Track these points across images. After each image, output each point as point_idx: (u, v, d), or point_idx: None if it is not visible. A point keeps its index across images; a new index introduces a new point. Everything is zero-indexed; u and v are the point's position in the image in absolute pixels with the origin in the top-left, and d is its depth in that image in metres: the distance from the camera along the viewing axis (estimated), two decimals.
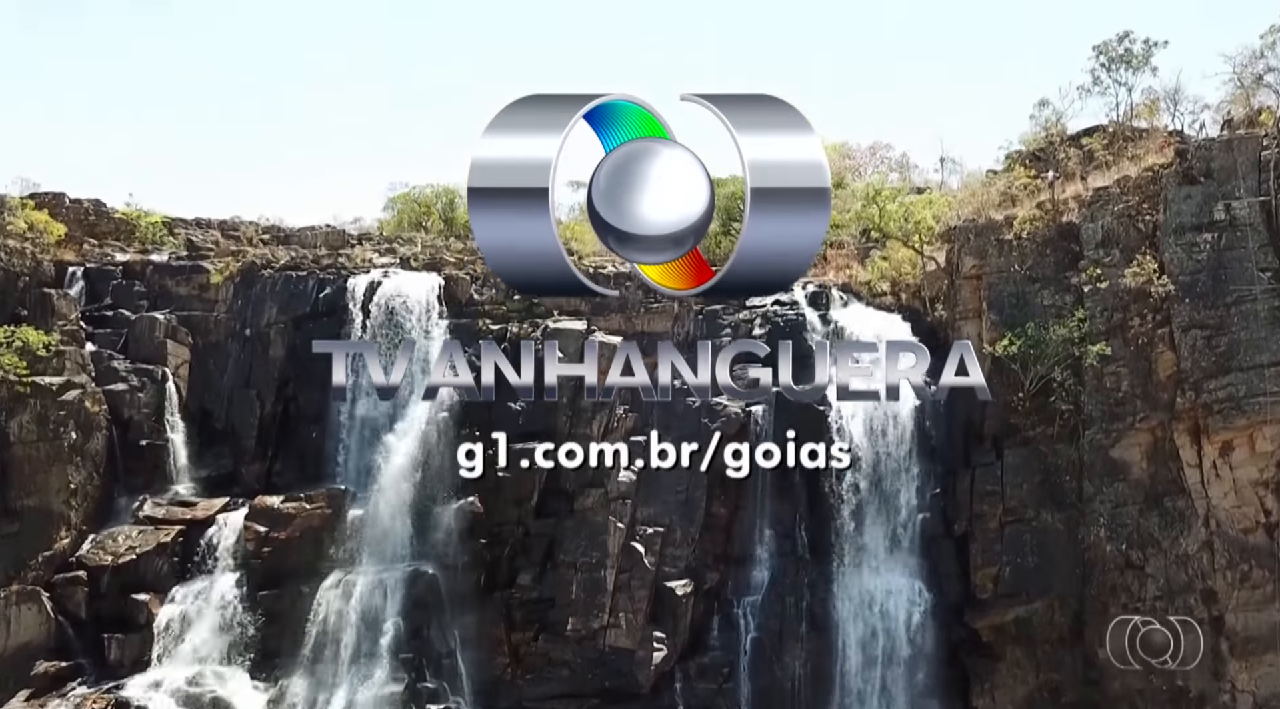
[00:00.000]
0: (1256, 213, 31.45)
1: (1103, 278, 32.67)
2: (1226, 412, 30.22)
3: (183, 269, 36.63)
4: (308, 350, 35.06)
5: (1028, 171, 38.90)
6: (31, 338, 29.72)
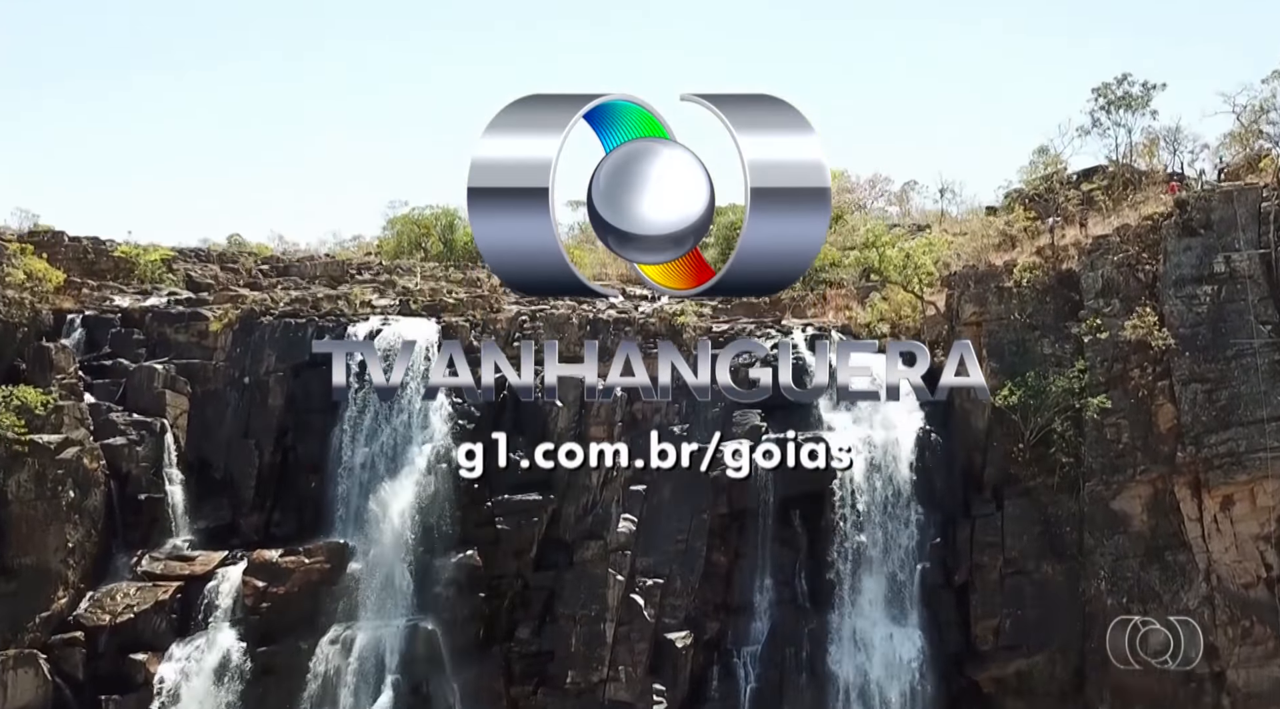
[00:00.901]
0: (1256, 265, 31.45)
1: (1103, 328, 32.64)
2: (1227, 466, 30.20)
3: (182, 316, 36.50)
4: (306, 399, 35.38)
5: (1027, 213, 38.95)
6: (30, 397, 29.64)
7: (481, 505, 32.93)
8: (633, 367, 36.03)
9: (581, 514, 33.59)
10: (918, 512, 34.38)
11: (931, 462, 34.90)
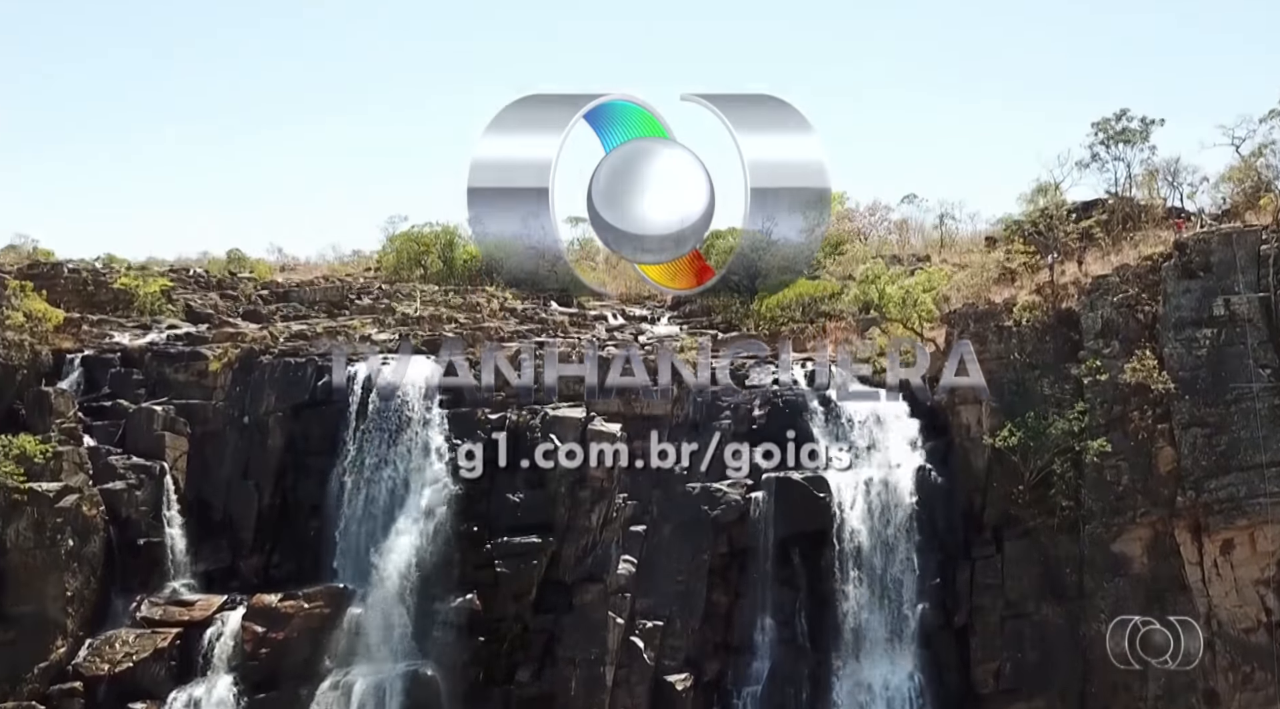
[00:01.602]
0: (1256, 309, 31.43)
1: (1102, 370, 32.62)
2: (1227, 511, 30.19)
3: (181, 355, 36.49)
4: (306, 440, 35.39)
5: (1026, 247, 38.93)
6: (29, 447, 29.63)
7: (481, 547, 32.87)
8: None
9: (581, 555, 33.53)
10: (917, 551, 34.32)
11: (931, 501, 34.85)
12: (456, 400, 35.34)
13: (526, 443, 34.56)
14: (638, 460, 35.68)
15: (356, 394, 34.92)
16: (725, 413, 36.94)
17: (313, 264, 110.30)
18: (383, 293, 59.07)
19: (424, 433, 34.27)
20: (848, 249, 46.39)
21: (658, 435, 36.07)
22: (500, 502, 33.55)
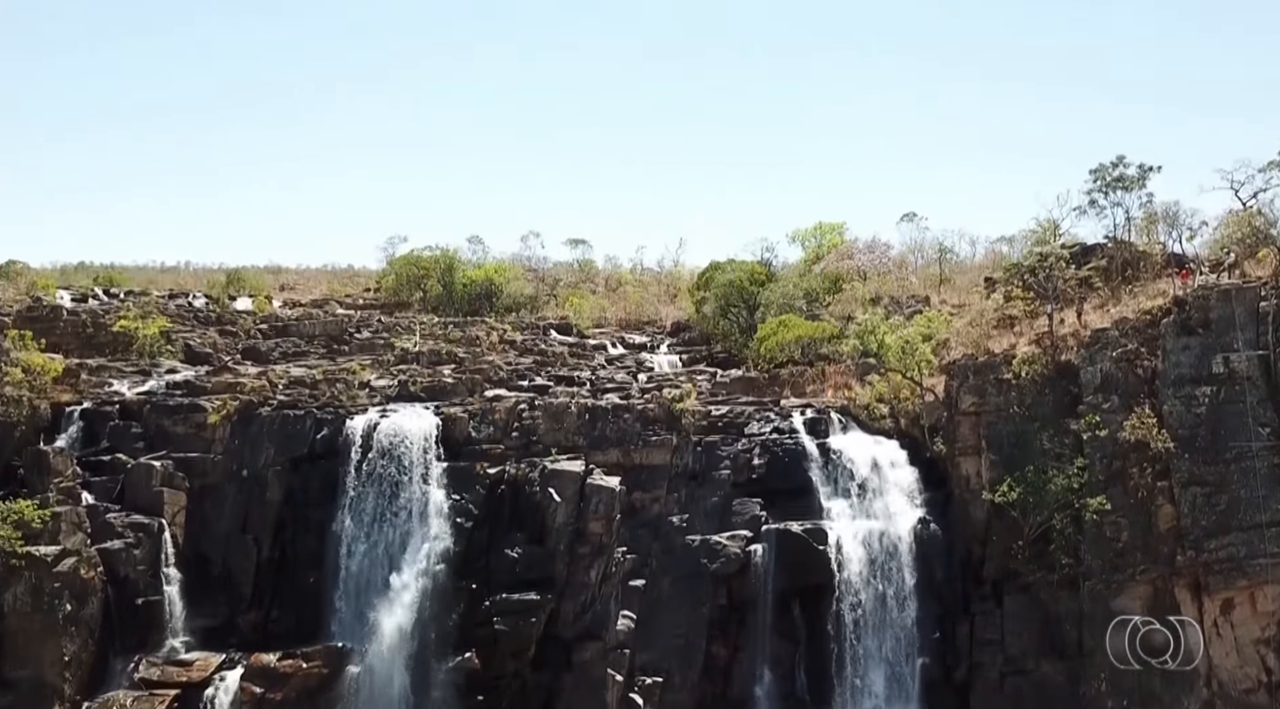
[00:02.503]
0: (1255, 367, 31.33)
1: (1102, 425, 32.55)
2: (1227, 571, 30.08)
3: (180, 408, 36.39)
4: (305, 493, 35.27)
5: (1025, 294, 38.87)
6: (27, 512, 29.57)
7: (480, 605, 32.77)
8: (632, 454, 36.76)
9: (580, 611, 33.46)
10: (917, 604, 34.35)
11: (931, 553, 34.89)
12: (455, 454, 35.29)
13: (525, 496, 34.57)
14: (637, 511, 35.86)
15: (355, 447, 34.84)
16: (725, 462, 37.01)
17: (311, 274, 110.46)
18: (381, 325, 59.06)
19: (423, 488, 34.21)
20: (847, 288, 46.19)
21: (657, 486, 36.26)
22: (499, 557, 33.48)
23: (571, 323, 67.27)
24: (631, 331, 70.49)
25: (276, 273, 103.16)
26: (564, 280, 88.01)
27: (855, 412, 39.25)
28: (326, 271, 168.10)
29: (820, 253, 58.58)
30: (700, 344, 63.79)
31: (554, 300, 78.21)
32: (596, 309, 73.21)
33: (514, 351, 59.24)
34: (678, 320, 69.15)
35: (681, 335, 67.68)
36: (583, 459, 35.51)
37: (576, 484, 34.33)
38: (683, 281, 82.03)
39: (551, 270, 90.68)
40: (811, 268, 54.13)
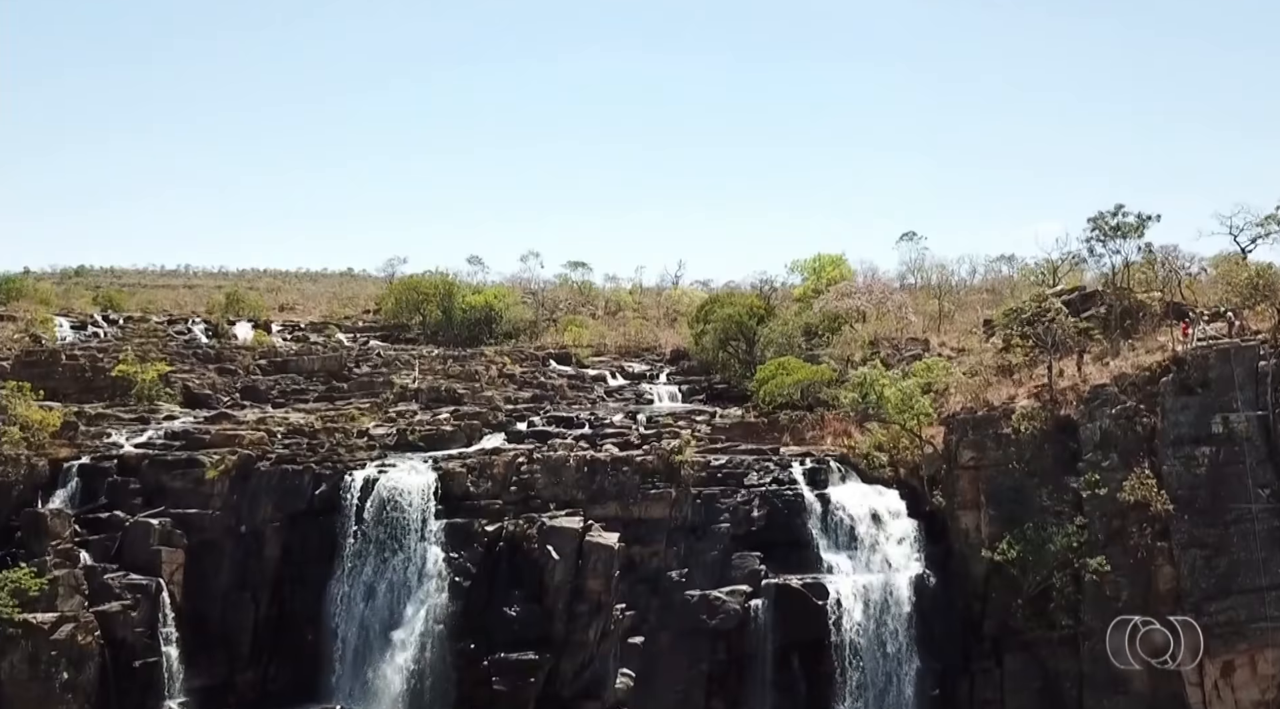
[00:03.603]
0: (1254, 427, 31.24)
1: (1101, 484, 32.44)
2: (1227, 635, 29.99)
3: (178, 462, 36.39)
4: (303, 550, 35.26)
5: (1024, 342, 38.81)
6: (24, 581, 29.54)
7: (478, 664, 32.77)
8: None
9: (579, 670, 33.43)
10: (917, 661, 34.21)
11: (930, 609, 34.71)
12: (453, 509, 35.29)
13: (524, 553, 34.53)
14: (636, 566, 35.78)
15: (354, 504, 34.88)
16: (724, 515, 36.88)
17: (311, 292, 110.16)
18: (381, 359, 59.04)
19: (421, 545, 34.27)
20: (846, 330, 46.12)
21: (656, 540, 36.19)
22: (497, 616, 33.45)
23: (571, 352, 67.31)
24: (631, 359, 70.47)
25: (275, 291, 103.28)
26: (563, 302, 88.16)
27: (855, 460, 39.15)
28: (327, 277, 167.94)
29: (819, 285, 58.54)
30: (699, 374, 63.77)
31: (553, 326, 78.33)
32: (596, 336, 73.26)
33: (513, 385, 59.23)
34: (677, 348, 69.12)
35: (681, 364, 67.68)
36: (581, 514, 35.48)
37: (575, 541, 34.31)
38: (682, 304, 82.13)
39: (551, 293, 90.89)
40: (811, 304, 54.05)
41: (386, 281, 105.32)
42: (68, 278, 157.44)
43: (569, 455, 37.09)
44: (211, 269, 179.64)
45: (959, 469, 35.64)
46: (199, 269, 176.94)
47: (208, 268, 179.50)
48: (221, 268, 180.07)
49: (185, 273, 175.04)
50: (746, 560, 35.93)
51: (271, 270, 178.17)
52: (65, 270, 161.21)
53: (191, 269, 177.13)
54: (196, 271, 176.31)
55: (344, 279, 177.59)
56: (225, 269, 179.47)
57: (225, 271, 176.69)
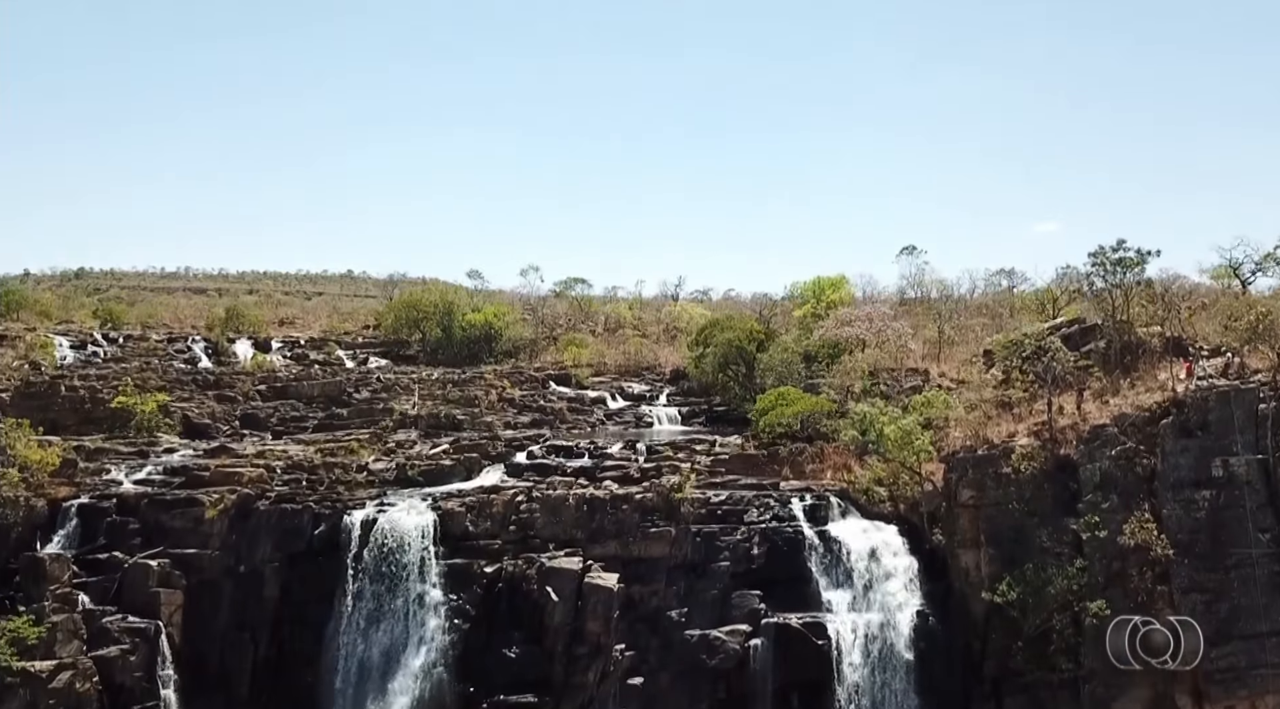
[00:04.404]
0: (1255, 471, 31.22)
1: (1101, 526, 32.40)
2: (1228, 681, 29.95)
3: (177, 502, 36.32)
4: (303, 590, 35.17)
5: (1024, 377, 38.82)
6: (22, 630, 29.50)
7: (478, 707, 32.70)
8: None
9: None
10: (917, 701, 34.17)
11: (930, 648, 34.62)
12: (453, 549, 35.21)
13: (523, 594, 34.48)
14: (636, 605, 35.69)
15: (353, 544, 34.80)
16: (724, 553, 36.81)
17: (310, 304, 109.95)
18: (380, 384, 59.00)
19: (420, 586, 34.17)
20: (846, 361, 46.09)
21: (655, 579, 36.12)
22: (496, 658, 33.38)
23: (571, 373, 67.25)
24: (630, 379, 70.40)
25: (276, 305, 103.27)
26: (563, 318, 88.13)
27: (854, 495, 39.07)
28: (327, 279, 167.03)
29: (818, 309, 58.53)
30: (699, 396, 63.75)
31: (554, 345, 78.31)
32: (595, 355, 73.20)
33: (513, 409, 59.20)
34: (677, 367, 69.06)
35: (681, 384, 67.61)
36: (580, 553, 35.44)
37: (574, 582, 34.28)
38: (682, 320, 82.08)
39: (551, 307, 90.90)
40: (810, 329, 54.05)
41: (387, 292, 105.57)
42: (67, 280, 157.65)
43: (568, 494, 37.04)
44: (211, 271, 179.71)
45: (959, 508, 35.60)
46: (199, 271, 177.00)
47: (208, 270, 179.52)
48: (221, 270, 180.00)
49: (185, 275, 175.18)
50: (746, 599, 35.86)
51: (271, 273, 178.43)
52: (65, 273, 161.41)
53: (191, 271, 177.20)
54: (196, 274, 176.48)
55: (344, 281, 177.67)
56: (225, 271, 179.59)
57: (225, 274, 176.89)
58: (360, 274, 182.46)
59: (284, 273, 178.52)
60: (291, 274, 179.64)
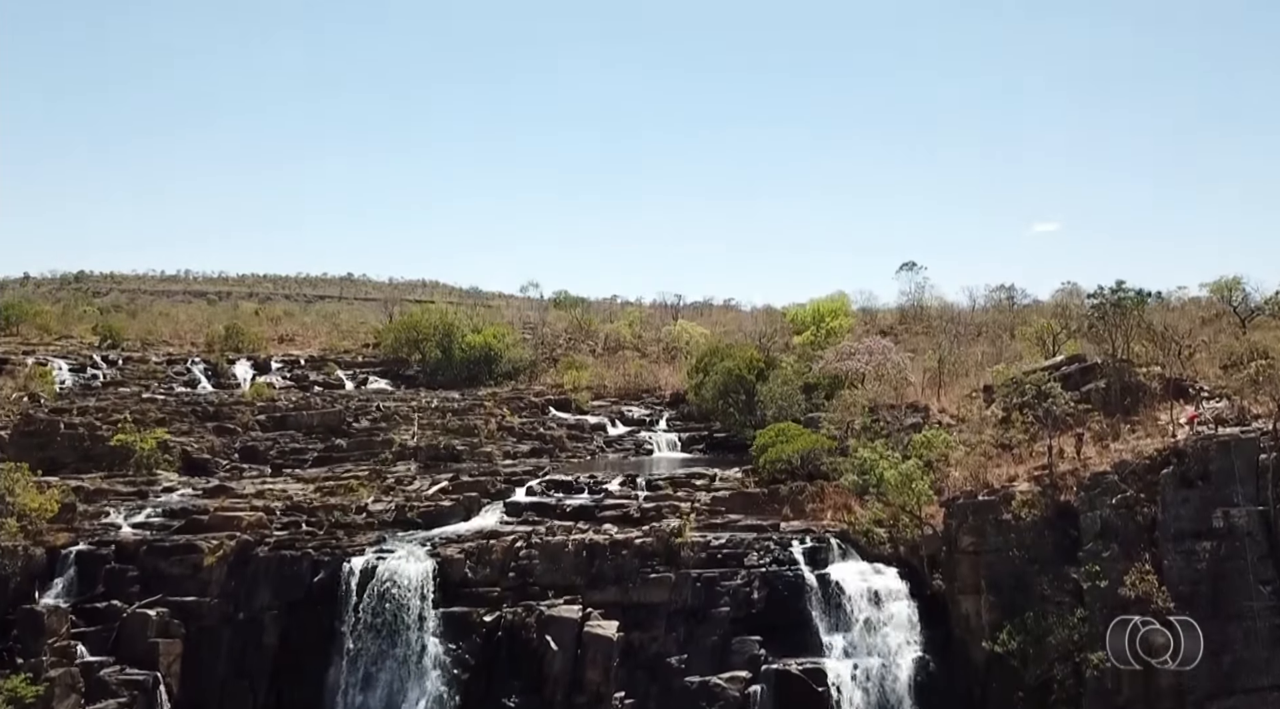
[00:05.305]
0: (1256, 522, 31.07)
1: (1102, 576, 32.28)
2: None
3: (176, 548, 36.23)
4: (302, 638, 35.06)
5: (1023, 415, 38.76)
6: (20, 689, 29.42)
7: None
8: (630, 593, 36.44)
9: None
10: None
11: (931, 694, 34.54)
12: (452, 596, 35.10)
13: (522, 643, 34.39)
14: (635, 651, 35.58)
15: (352, 592, 34.70)
16: (724, 598, 36.70)
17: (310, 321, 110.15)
18: (380, 412, 58.92)
19: (420, 636, 34.06)
20: (846, 395, 46.03)
21: (655, 625, 36.02)
22: (496, 708, 33.27)
23: (570, 398, 67.20)
24: (630, 402, 70.37)
25: (276, 323, 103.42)
26: (563, 336, 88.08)
27: (855, 537, 38.95)
28: (327, 282, 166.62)
29: (818, 338, 58.49)
30: (699, 421, 63.74)
31: (553, 366, 78.26)
32: (595, 377, 73.13)
33: (512, 438, 59.22)
34: (676, 390, 69.04)
35: (680, 408, 67.62)
36: (580, 600, 35.35)
37: (574, 631, 34.19)
38: (682, 340, 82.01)
39: (550, 326, 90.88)
40: (810, 361, 54.01)
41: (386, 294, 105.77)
42: (67, 284, 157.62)
43: (567, 540, 36.95)
44: (211, 274, 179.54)
45: (959, 554, 35.51)
46: (199, 274, 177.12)
47: (207, 273, 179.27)
48: (221, 273, 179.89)
49: (185, 278, 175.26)
50: (746, 645, 35.78)
51: (271, 275, 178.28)
52: (65, 276, 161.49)
53: (191, 274, 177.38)
54: (196, 277, 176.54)
55: (345, 284, 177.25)
56: (225, 274, 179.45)
57: (225, 276, 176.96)
58: (360, 276, 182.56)
59: (284, 276, 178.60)
60: (291, 277, 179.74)
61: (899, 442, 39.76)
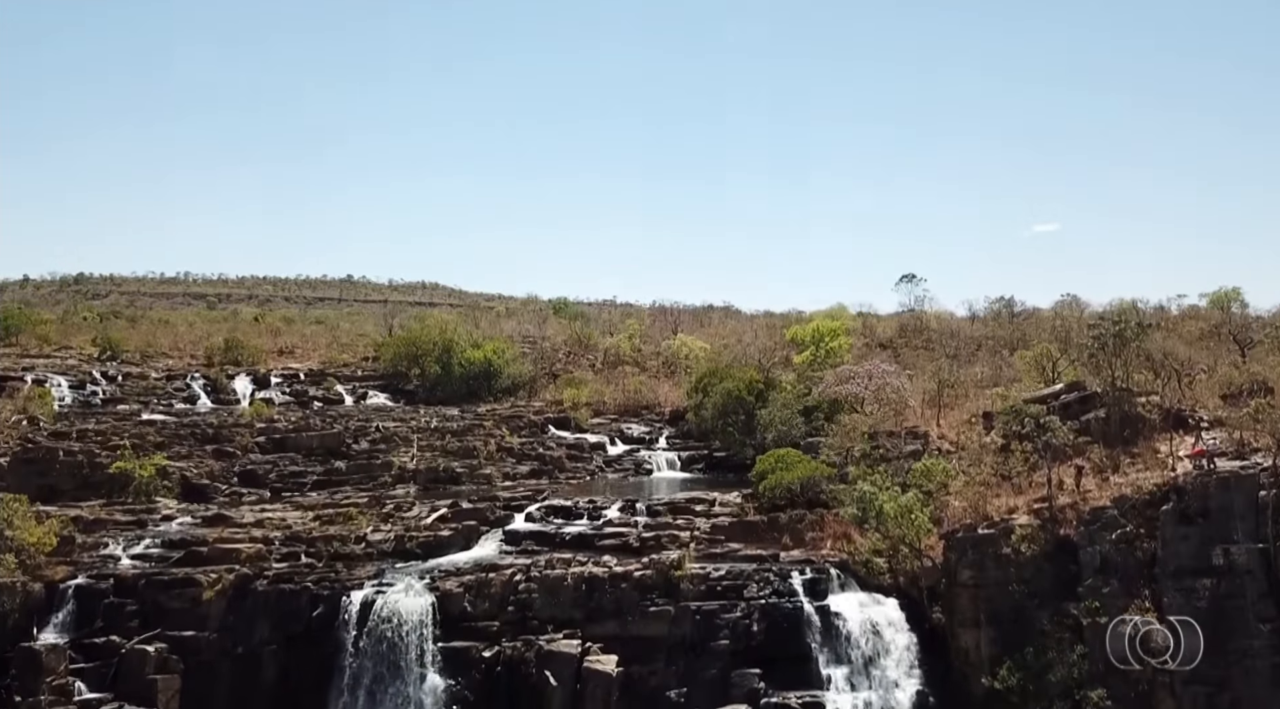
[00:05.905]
0: (1255, 560, 31.08)
1: (1102, 612, 32.30)
2: None
3: (175, 582, 36.19)
4: (301, 673, 35.01)
5: (1022, 445, 38.72)
6: None
7: None
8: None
9: None
10: None
11: None
12: (451, 630, 35.04)
13: (521, 678, 34.35)
14: (634, 685, 35.51)
15: (352, 626, 34.66)
16: (724, 631, 36.59)
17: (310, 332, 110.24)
18: (380, 435, 58.89)
19: (419, 671, 34.01)
20: (845, 421, 46.00)
21: (655, 659, 35.96)
22: None
23: (570, 416, 67.18)
24: (630, 419, 70.37)
25: (275, 334, 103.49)
26: (563, 349, 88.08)
27: (854, 567, 38.87)
28: (327, 284, 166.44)
29: (818, 357, 58.50)
30: (699, 440, 63.73)
31: (553, 382, 78.22)
32: (594, 394, 73.08)
33: (512, 459, 59.23)
34: (676, 407, 69.02)
35: (680, 425, 67.63)
36: (579, 635, 35.31)
37: (573, 666, 34.15)
38: (682, 354, 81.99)
39: (550, 338, 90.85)
40: (809, 384, 54.02)
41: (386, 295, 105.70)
42: (67, 285, 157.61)
43: (566, 573, 36.88)
44: (211, 276, 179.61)
45: (958, 587, 35.48)
46: (198, 276, 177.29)
47: (207, 275, 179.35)
48: (221, 275, 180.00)
49: (185, 280, 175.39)
50: (746, 678, 35.66)
51: (271, 277, 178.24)
52: (65, 278, 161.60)
53: (190, 276, 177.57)
54: (196, 279, 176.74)
55: (345, 286, 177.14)
56: (225, 275, 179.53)
57: (224, 278, 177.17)
58: (360, 278, 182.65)
59: (283, 278, 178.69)
60: (290, 279, 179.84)
61: (899, 468, 39.70)
